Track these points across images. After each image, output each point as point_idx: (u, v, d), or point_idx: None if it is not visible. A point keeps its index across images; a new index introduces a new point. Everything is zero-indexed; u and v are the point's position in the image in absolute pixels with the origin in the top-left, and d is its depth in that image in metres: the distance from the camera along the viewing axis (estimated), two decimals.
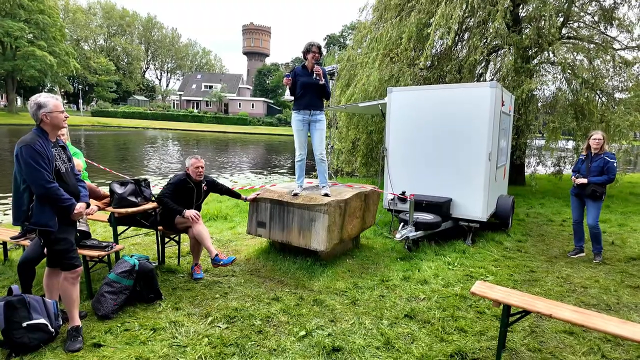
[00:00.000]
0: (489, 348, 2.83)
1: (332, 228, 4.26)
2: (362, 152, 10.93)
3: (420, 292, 3.80)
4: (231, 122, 58.71)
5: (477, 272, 4.44)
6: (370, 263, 4.71)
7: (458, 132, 5.62)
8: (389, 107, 6.20)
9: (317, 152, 4.53)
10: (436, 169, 5.85)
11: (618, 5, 9.52)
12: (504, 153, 6.77)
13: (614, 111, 8.73)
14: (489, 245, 5.55)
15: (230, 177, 15.54)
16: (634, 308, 3.64)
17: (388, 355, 2.71)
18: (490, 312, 3.38)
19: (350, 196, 4.64)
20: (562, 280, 4.30)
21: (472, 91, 5.62)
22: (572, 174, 5.17)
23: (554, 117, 9.11)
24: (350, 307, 3.45)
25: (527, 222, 7.19)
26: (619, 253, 5.34)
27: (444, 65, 9.94)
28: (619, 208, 8.31)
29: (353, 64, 11.53)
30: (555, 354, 2.80)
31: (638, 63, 9.36)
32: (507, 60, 8.74)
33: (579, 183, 4.90)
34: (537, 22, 8.94)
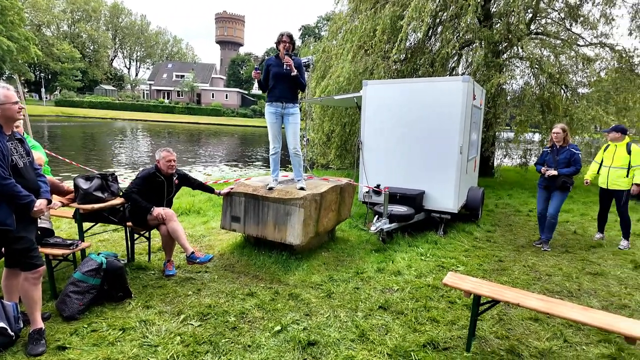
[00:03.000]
0: (459, 337, 2.92)
1: (308, 222, 4.25)
2: (336, 144, 10.95)
3: (393, 284, 3.87)
4: (204, 113, 57.38)
5: (448, 263, 4.56)
6: (345, 256, 4.74)
7: (431, 126, 5.71)
8: (364, 100, 6.21)
9: (290, 147, 4.48)
10: (410, 161, 5.94)
11: (583, 2, 9.89)
12: (475, 146, 6.95)
13: (577, 105, 9.12)
14: (460, 235, 5.71)
15: (204, 170, 15.23)
16: (593, 294, 3.85)
17: (362, 348, 2.74)
18: (461, 302, 3.47)
19: (326, 190, 4.64)
20: (528, 269, 4.48)
21: (445, 85, 5.71)
22: (537, 167, 5.36)
23: (521, 110, 9.42)
24: (326, 300, 3.47)
25: (496, 212, 7.44)
26: (581, 241, 5.61)
27: (418, 58, 10.05)
28: (580, 198, 8.73)
29: (328, 56, 11.49)
30: (522, 340, 2.92)
31: (599, 60, 9.79)
32: (478, 54, 8.93)
33: (549, 175, 5.08)
34: (507, 18, 9.17)
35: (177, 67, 68.53)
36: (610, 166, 5.30)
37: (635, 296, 3.80)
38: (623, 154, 5.19)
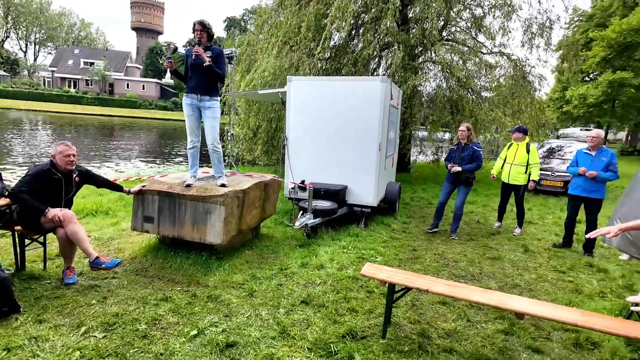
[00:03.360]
0: (376, 325, 3.05)
1: (230, 219, 4.11)
2: (263, 140, 10.80)
3: (316, 277, 3.92)
4: (117, 104, 52.56)
5: (368, 254, 4.75)
6: (270, 253, 4.69)
7: (352, 123, 5.89)
8: (289, 95, 6.19)
9: (208, 142, 4.28)
10: (333, 158, 6.07)
11: (486, 14, 10.99)
12: (393, 143, 7.34)
13: (481, 108, 10.13)
14: (379, 228, 5.99)
15: (116, 167, 13.96)
16: (492, 276, 4.30)
17: (283, 344, 2.72)
18: (379, 291, 3.64)
19: (250, 186, 4.53)
20: (438, 257, 4.86)
21: (365, 84, 5.93)
22: (446, 163, 5.84)
23: (434, 111, 10.19)
24: (247, 299, 3.38)
25: (411, 205, 7.96)
26: (483, 230, 6.25)
27: (341, 58, 10.31)
28: (483, 191, 9.72)
29: (254, 49, 11.25)
30: (431, 323, 3.15)
31: (499, 67, 10.98)
32: (397, 57, 9.44)
33: (454, 171, 5.55)
34: (422, 24, 9.82)
35: (85, 54, 61.64)
36: (512, 163, 5.97)
37: (525, 276, 4.33)
38: (523, 153, 5.89)
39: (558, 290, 3.99)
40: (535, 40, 10.59)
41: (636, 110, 20.73)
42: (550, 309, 2.55)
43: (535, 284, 4.13)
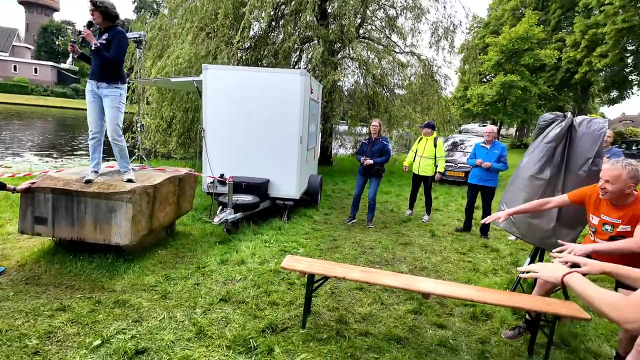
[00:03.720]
0: (297, 316, 3.09)
1: (139, 218, 3.80)
2: (178, 132, 10.19)
3: (237, 274, 3.83)
4: (2, 89, 45.27)
5: (290, 246, 4.78)
6: (186, 251, 4.45)
7: (273, 116, 5.84)
8: (205, 85, 5.90)
9: (108, 134, 3.91)
10: (254, 150, 5.96)
11: (398, 15, 11.66)
12: (314, 137, 7.45)
13: (394, 104, 10.78)
14: (302, 220, 6.07)
15: (1, 162, 12.03)
16: (403, 260, 4.63)
17: (200, 345, 2.62)
18: (300, 282, 3.69)
19: (162, 181, 4.24)
20: (356, 245, 5.08)
21: (285, 77, 5.90)
22: (358, 157, 6.12)
23: (352, 106, 10.57)
24: (160, 302, 3.18)
25: (332, 197, 8.20)
26: (396, 218, 6.69)
27: (262, 48, 10.14)
28: (397, 182, 10.40)
29: (166, 34, 10.48)
30: (349, 309, 3.29)
31: (410, 66, 11.77)
32: (317, 51, 9.57)
33: (367, 164, 5.83)
34: (340, 20, 10.07)
35: None
36: (421, 156, 6.45)
37: (432, 259, 4.75)
38: (431, 147, 6.39)
39: (459, 270, 4.45)
40: (441, 43, 11.55)
41: (522, 109, 23.89)
42: (451, 287, 2.82)
43: (441, 266, 4.55)
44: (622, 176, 2.35)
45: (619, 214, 2.48)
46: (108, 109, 3.83)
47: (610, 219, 2.52)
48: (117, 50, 3.74)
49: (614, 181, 2.38)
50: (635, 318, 0.95)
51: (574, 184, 3.11)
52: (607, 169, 2.42)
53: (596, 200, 2.61)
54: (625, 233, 2.45)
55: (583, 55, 22.18)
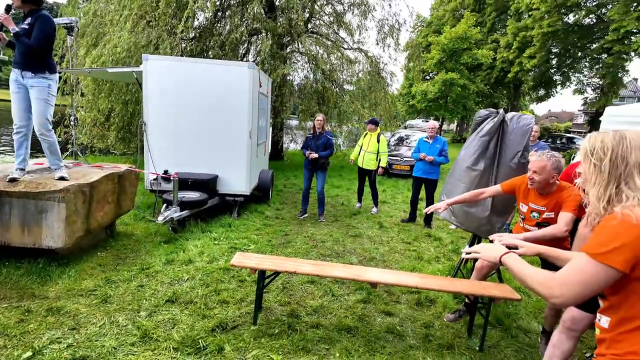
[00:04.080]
0: (248, 313, 3.06)
1: (74, 218, 3.54)
2: (117, 126, 9.56)
3: (184, 273, 3.70)
4: None
5: (240, 243, 4.71)
6: (128, 252, 4.22)
7: (220, 110, 5.67)
8: (146, 76, 5.58)
9: (35, 128, 3.59)
10: (201, 145, 5.75)
11: (346, 11, 11.80)
12: (264, 131, 7.36)
13: (344, 100, 10.94)
14: (253, 216, 5.99)
15: None
16: (353, 252, 4.75)
17: (145, 349, 2.51)
18: (251, 279, 3.65)
19: (99, 178, 3.97)
20: (308, 239, 5.13)
21: (232, 70, 5.75)
22: (303, 151, 6.16)
23: (303, 101, 10.57)
24: (100, 306, 2.99)
25: (284, 192, 8.17)
26: (346, 211, 6.83)
27: (207, 39, 9.78)
28: (347, 176, 10.59)
29: (102, 21, 9.74)
30: (300, 303, 3.32)
31: (358, 62, 11.98)
32: (265, 44, 9.41)
33: (312, 158, 5.88)
34: (289, 13, 9.99)
35: None
36: (365, 150, 6.61)
37: (380, 249, 4.92)
38: (374, 142, 6.57)
39: (405, 259, 4.65)
40: (387, 40, 11.88)
41: (462, 105, 25.35)
42: (397, 276, 2.95)
43: (388, 255, 4.73)
44: (547, 167, 2.59)
45: (544, 202, 2.73)
46: (35, 101, 3.50)
47: (537, 206, 2.77)
48: (39, 36, 3.41)
49: (540, 172, 2.61)
50: (560, 293, 1.08)
51: (505, 175, 3.37)
52: (534, 161, 2.66)
53: (525, 189, 2.86)
54: (550, 219, 2.71)
55: (515, 56, 23.96)
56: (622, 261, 1.02)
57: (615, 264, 1.02)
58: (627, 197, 1.09)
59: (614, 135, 1.15)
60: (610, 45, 18.74)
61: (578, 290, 1.06)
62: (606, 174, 1.14)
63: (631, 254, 1.02)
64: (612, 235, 1.05)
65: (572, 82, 25.28)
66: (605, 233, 1.07)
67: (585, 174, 1.20)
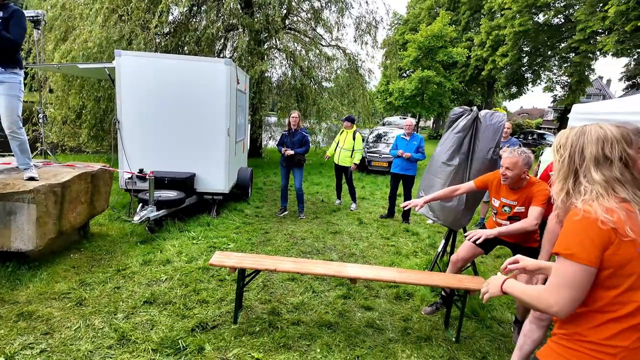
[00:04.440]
0: (228, 312, 3.05)
1: (45, 220, 3.42)
2: (89, 123, 9.26)
3: (162, 274, 3.64)
4: None
5: (220, 242, 4.67)
6: (103, 253, 4.11)
7: (197, 107, 5.58)
8: (119, 72, 5.42)
9: (4, 126, 3.45)
10: (178, 143, 5.65)
11: (323, 8, 11.80)
12: (242, 128, 7.29)
13: (322, 97, 10.96)
14: (232, 214, 5.94)
15: None
16: (333, 249, 4.79)
17: (123, 351, 2.46)
18: (231, 278, 3.63)
19: (71, 178, 3.85)
20: (288, 236, 5.13)
21: (209, 66, 5.66)
22: (279, 147, 6.15)
23: (281, 98, 10.52)
24: (75, 310, 2.91)
25: (264, 189, 8.13)
26: (326, 208, 6.87)
27: (183, 35, 9.58)
28: (327, 173, 10.64)
29: (71, 15, 9.37)
30: (281, 300, 3.33)
31: (336, 59, 12.01)
32: (242, 40, 9.30)
33: (288, 154, 5.88)
34: (266, 9, 9.90)
35: None
36: (342, 148, 6.66)
37: (359, 245, 4.98)
38: (350, 139, 6.62)
39: (384, 254, 4.73)
40: (364, 37, 11.96)
41: (438, 103, 25.86)
42: (376, 271, 3.01)
43: (368, 251, 4.79)
44: (518, 163, 2.69)
45: (515, 197, 2.84)
46: (5, 97, 3.36)
47: (508, 201, 2.88)
48: (20, 31, 3.30)
49: (512, 168, 2.71)
50: (555, 301, 1.11)
51: (479, 170, 3.48)
52: (506, 157, 2.75)
53: (497, 185, 2.96)
54: (521, 214, 2.82)
55: (488, 54, 24.61)
56: (594, 258, 1.07)
57: (589, 262, 1.07)
58: (585, 190, 1.13)
59: (576, 131, 1.20)
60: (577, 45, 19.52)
61: (568, 294, 1.09)
62: (565, 167, 1.19)
63: (598, 249, 1.07)
64: (577, 233, 1.09)
65: (542, 80, 26.19)
66: (572, 231, 1.11)
67: (554, 169, 1.26)
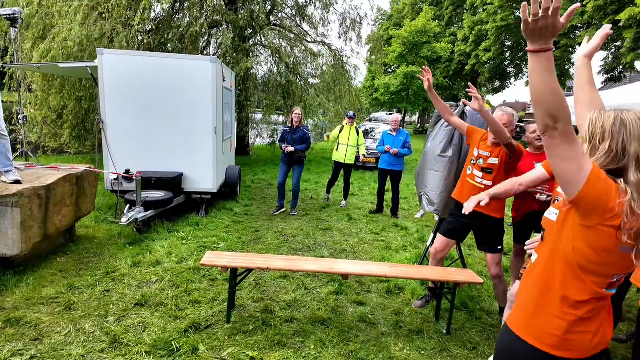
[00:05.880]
0: (221, 311, 3.04)
1: (30, 223, 3.35)
2: (71, 124, 9.06)
3: (152, 275, 3.61)
4: None
5: (210, 242, 4.64)
6: (91, 256, 4.05)
7: (184, 105, 5.52)
8: (101, 71, 5.31)
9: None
10: (164, 143, 5.58)
11: (308, 4, 11.75)
12: (230, 126, 7.23)
13: (309, 93, 10.94)
14: (221, 213, 5.90)
15: None
16: (324, 245, 4.82)
17: (116, 355, 2.44)
18: (222, 277, 3.62)
19: (56, 180, 3.78)
20: (279, 234, 5.13)
21: (194, 64, 5.59)
22: (280, 144, 6.14)
23: (267, 95, 10.46)
24: (64, 314, 2.86)
25: (252, 188, 8.10)
26: (316, 205, 6.89)
27: (166, 32, 9.43)
28: (315, 170, 10.65)
29: (49, 12, 9.11)
30: (274, 298, 3.34)
31: (322, 56, 11.99)
32: (226, 37, 9.21)
33: (288, 151, 5.88)
34: (250, 5, 9.81)
35: None
36: (347, 145, 6.65)
37: (350, 241, 5.01)
38: (354, 135, 6.64)
39: (375, 250, 4.78)
40: (349, 34, 11.97)
41: (423, 98, 26.06)
42: (367, 266, 3.04)
43: (358, 247, 4.84)
44: (513, 121, 2.88)
45: (490, 149, 2.89)
46: None
47: (485, 152, 2.91)
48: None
49: (509, 125, 2.82)
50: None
51: None
52: (502, 115, 2.86)
53: (483, 138, 2.98)
54: (493, 166, 2.84)
55: (472, 49, 24.87)
56: None
57: None
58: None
59: (613, 120, 1.15)
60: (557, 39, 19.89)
61: None
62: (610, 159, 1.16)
63: None
64: None
65: (524, 74, 26.62)
66: None
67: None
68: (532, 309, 1.27)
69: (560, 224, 1.21)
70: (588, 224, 1.11)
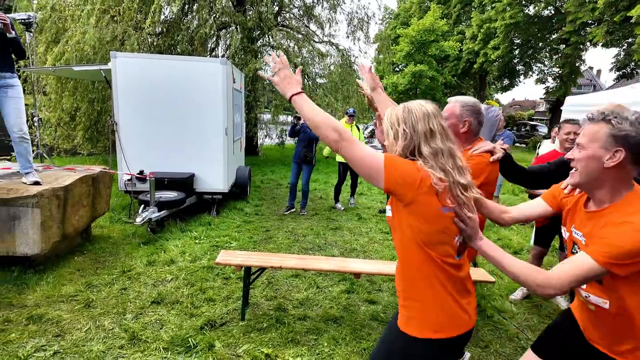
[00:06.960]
0: (235, 309, 3.10)
1: (49, 224, 3.44)
2: (84, 125, 9.21)
3: (167, 274, 3.68)
4: None
5: (222, 241, 4.71)
6: (107, 255, 4.14)
7: (195, 107, 5.60)
8: (115, 74, 5.42)
9: (14, 130, 3.48)
10: (176, 144, 5.67)
11: (315, 4, 11.79)
12: (239, 127, 7.31)
13: (317, 93, 10.98)
14: (232, 213, 5.98)
15: None
16: (335, 245, 4.86)
17: (135, 351, 2.51)
18: (235, 276, 3.68)
19: (73, 181, 3.87)
20: (289, 234, 5.19)
21: (204, 66, 5.68)
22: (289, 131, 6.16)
23: (276, 95, 10.53)
24: (84, 311, 2.95)
25: (262, 187, 8.17)
26: (325, 204, 6.93)
27: (175, 34, 9.55)
28: (324, 170, 10.70)
29: (61, 16, 9.29)
30: (286, 296, 3.39)
31: (329, 56, 12.03)
32: (235, 38, 9.29)
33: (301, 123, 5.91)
34: (258, 7, 9.88)
35: None
36: None
37: (360, 240, 5.05)
38: (355, 132, 6.64)
39: (385, 249, 4.80)
40: (357, 33, 11.99)
41: (431, 97, 25.93)
42: (378, 265, 3.08)
43: (368, 246, 4.87)
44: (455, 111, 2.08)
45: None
46: (14, 100, 3.46)
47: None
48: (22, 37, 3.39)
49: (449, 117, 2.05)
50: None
51: None
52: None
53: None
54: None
55: (480, 47, 24.68)
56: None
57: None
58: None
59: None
60: (567, 36, 19.66)
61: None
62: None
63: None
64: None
65: (534, 72, 26.36)
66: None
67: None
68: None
69: (395, 214, 1.35)
70: (408, 201, 1.26)
